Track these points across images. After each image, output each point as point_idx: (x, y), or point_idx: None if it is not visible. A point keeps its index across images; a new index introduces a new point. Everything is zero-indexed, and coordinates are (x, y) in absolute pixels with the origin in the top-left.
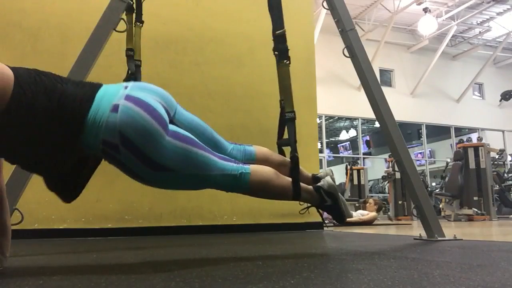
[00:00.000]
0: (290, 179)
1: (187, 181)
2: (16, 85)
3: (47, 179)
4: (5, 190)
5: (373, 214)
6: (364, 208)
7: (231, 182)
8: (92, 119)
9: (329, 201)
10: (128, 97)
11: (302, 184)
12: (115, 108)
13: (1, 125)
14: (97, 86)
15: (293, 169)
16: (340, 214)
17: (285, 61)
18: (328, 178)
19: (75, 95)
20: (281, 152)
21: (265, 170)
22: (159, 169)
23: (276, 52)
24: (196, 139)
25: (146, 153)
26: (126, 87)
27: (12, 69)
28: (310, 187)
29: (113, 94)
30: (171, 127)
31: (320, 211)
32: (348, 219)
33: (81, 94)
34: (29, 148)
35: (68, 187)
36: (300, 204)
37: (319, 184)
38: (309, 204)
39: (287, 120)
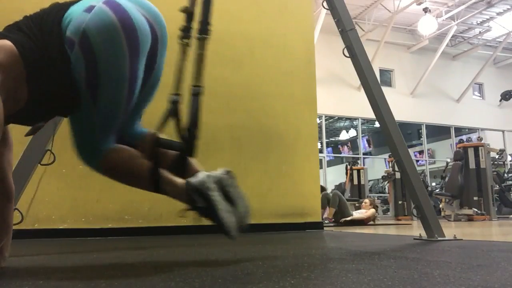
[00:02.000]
0: (151, 164)
1: (94, 117)
2: (19, 48)
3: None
4: (14, 193)
5: (372, 210)
6: (362, 208)
7: (91, 145)
8: (68, 21)
9: (201, 203)
10: (108, 1)
11: (168, 176)
12: (90, 8)
13: (37, 83)
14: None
15: (152, 153)
16: (218, 222)
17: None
18: (202, 174)
19: (50, 26)
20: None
21: (124, 149)
22: (91, 87)
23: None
24: (134, 92)
25: (96, 62)
26: None
27: (3, 36)
28: (181, 180)
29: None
30: (140, 63)
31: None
32: (350, 218)
33: (50, 19)
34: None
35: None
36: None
37: (189, 178)
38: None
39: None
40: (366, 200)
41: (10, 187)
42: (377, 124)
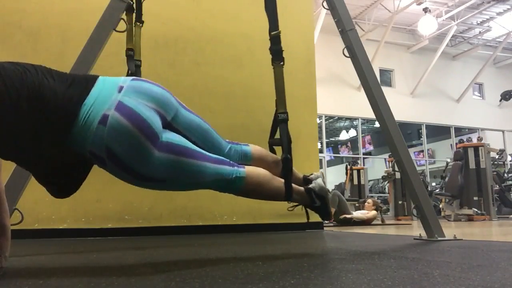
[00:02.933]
0: (282, 180)
1: (180, 186)
2: (1, 84)
3: (37, 175)
4: (4, 191)
5: (374, 212)
6: (363, 208)
7: (225, 185)
8: (82, 124)
9: (318, 203)
10: (119, 106)
11: (293, 186)
12: (104, 119)
13: None
14: (90, 83)
15: (285, 171)
16: (327, 214)
17: (279, 62)
18: (319, 181)
19: (63, 95)
20: (272, 151)
21: (260, 173)
22: (148, 180)
23: (271, 53)
24: (189, 147)
25: (132, 168)
26: (121, 89)
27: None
28: (302, 188)
29: (105, 98)
30: (165, 135)
31: (308, 210)
32: (351, 216)
33: (68, 95)
34: (18, 145)
35: (61, 183)
36: (288, 203)
37: (310, 186)
38: (296, 203)
39: (279, 121)
40: (369, 201)
41: (0, 187)
42: (377, 124)
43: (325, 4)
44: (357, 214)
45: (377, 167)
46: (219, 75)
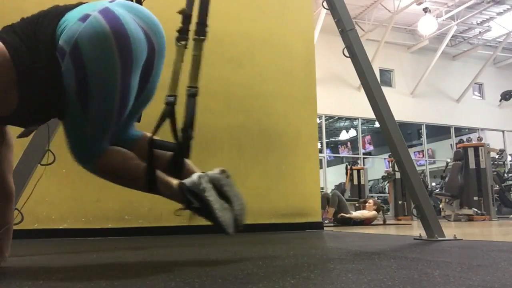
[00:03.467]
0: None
1: (79, 128)
2: (12, 51)
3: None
4: (14, 193)
5: (373, 213)
6: (364, 208)
7: (85, 147)
8: (62, 28)
9: (196, 203)
10: (104, 10)
11: (164, 177)
12: (85, 17)
13: (29, 88)
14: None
15: (148, 154)
16: (214, 221)
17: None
18: (195, 175)
19: (48, 13)
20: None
21: (118, 151)
22: (81, 99)
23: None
24: (128, 101)
25: (86, 74)
26: (112, 0)
27: (3, 42)
28: (176, 181)
29: (92, 5)
30: (133, 77)
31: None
32: (349, 216)
33: (53, 10)
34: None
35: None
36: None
37: (184, 180)
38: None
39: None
40: (370, 201)
41: (10, 187)
42: (377, 124)
43: (325, 4)
44: (356, 214)
45: (377, 167)
46: (219, 75)
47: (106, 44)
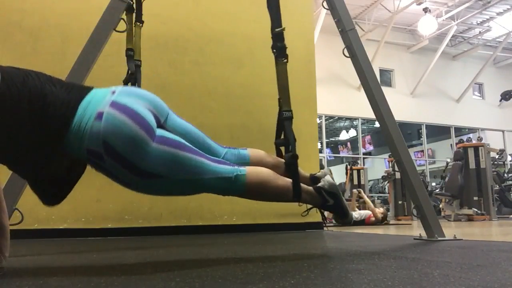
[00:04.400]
0: (288, 179)
1: (180, 187)
2: (3, 84)
3: (31, 181)
4: (2, 191)
5: (380, 215)
6: (363, 208)
7: (226, 185)
8: (77, 127)
9: (331, 201)
10: (114, 104)
11: (302, 185)
12: (99, 116)
13: None
14: (85, 91)
15: (292, 168)
16: (343, 211)
17: (282, 59)
18: (328, 178)
19: (62, 101)
20: (279, 151)
21: (262, 171)
22: (146, 177)
23: (274, 50)
24: (186, 143)
25: (131, 161)
26: (113, 92)
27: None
28: (310, 188)
29: (98, 101)
30: (159, 131)
31: (321, 211)
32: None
33: (67, 100)
34: (13, 147)
35: (54, 190)
36: (299, 205)
37: (319, 184)
38: (309, 206)
39: (284, 119)
40: (383, 210)
41: None
42: (377, 124)
43: (325, 4)
44: (359, 215)
45: (377, 167)
46: (219, 75)
47: (130, 131)
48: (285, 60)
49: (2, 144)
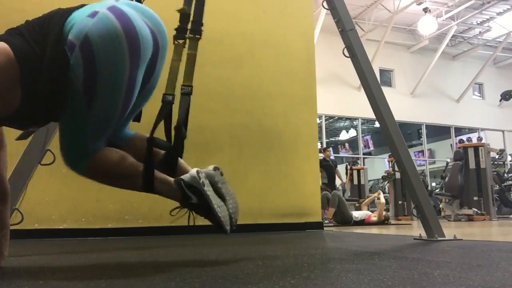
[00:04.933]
0: (142, 164)
1: (77, 129)
2: (16, 52)
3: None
4: (10, 192)
5: (382, 217)
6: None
7: (78, 150)
8: (70, 25)
9: (194, 199)
10: (112, 8)
11: (161, 175)
12: (93, 14)
13: (32, 88)
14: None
15: (147, 153)
16: (211, 215)
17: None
18: (193, 171)
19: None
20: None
21: (111, 151)
22: (89, 96)
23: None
24: (131, 99)
25: (95, 68)
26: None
27: (7, 43)
28: (171, 178)
29: (99, 4)
30: (138, 73)
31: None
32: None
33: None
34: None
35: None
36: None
37: (181, 176)
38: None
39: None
40: (386, 214)
41: (5, 187)
42: (377, 124)
43: (325, 4)
44: (360, 215)
45: (377, 167)
46: (219, 75)
47: (116, 39)
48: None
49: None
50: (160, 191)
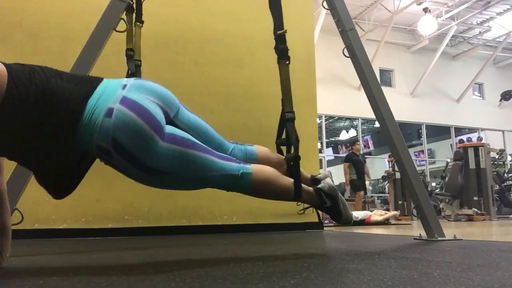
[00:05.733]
0: (291, 179)
1: (187, 182)
2: (10, 81)
3: (39, 174)
4: (6, 192)
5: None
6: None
7: (232, 182)
8: (87, 121)
9: (329, 203)
10: (124, 100)
11: (302, 185)
12: (110, 112)
13: None
14: (95, 83)
15: (295, 169)
16: (339, 214)
17: (284, 61)
18: (328, 180)
19: (70, 93)
20: (280, 151)
21: (267, 170)
22: (154, 173)
23: (276, 52)
24: (194, 140)
25: (138, 159)
26: (124, 86)
27: (6, 65)
28: (311, 188)
29: (109, 95)
30: (168, 129)
31: (319, 211)
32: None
33: (76, 92)
34: (24, 143)
35: (63, 183)
36: (297, 205)
37: (319, 186)
38: (306, 205)
39: (286, 120)
40: (386, 216)
41: (3, 187)
42: (377, 124)
43: (325, 4)
44: (360, 215)
45: (377, 167)
46: (219, 75)
47: (140, 130)
48: (287, 62)
49: (14, 140)
50: (304, 199)
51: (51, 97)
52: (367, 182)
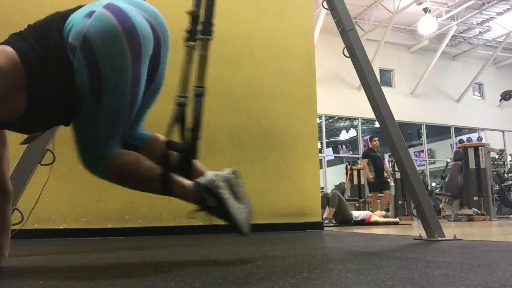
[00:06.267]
0: (160, 167)
1: (90, 129)
2: (21, 55)
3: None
4: (12, 193)
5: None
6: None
7: (92, 154)
8: (69, 28)
9: (212, 202)
10: (108, 5)
11: (178, 178)
12: (90, 14)
13: (38, 89)
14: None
15: (164, 156)
16: (230, 220)
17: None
18: (211, 173)
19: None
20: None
21: (130, 154)
22: (96, 100)
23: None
24: (139, 98)
25: (99, 69)
26: None
27: (6, 43)
28: (190, 182)
29: (95, 3)
30: (144, 65)
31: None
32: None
33: (62, 12)
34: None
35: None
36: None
37: (198, 179)
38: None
39: (194, 98)
40: (383, 213)
41: (8, 187)
42: (377, 124)
43: (325, 4)
44: (360, 215)
45: None
46: (219, 75)
47: (115, 36)
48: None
49: (63, 92)
50: (176, 193)
51: (48, 36)
52: (388, 180)
